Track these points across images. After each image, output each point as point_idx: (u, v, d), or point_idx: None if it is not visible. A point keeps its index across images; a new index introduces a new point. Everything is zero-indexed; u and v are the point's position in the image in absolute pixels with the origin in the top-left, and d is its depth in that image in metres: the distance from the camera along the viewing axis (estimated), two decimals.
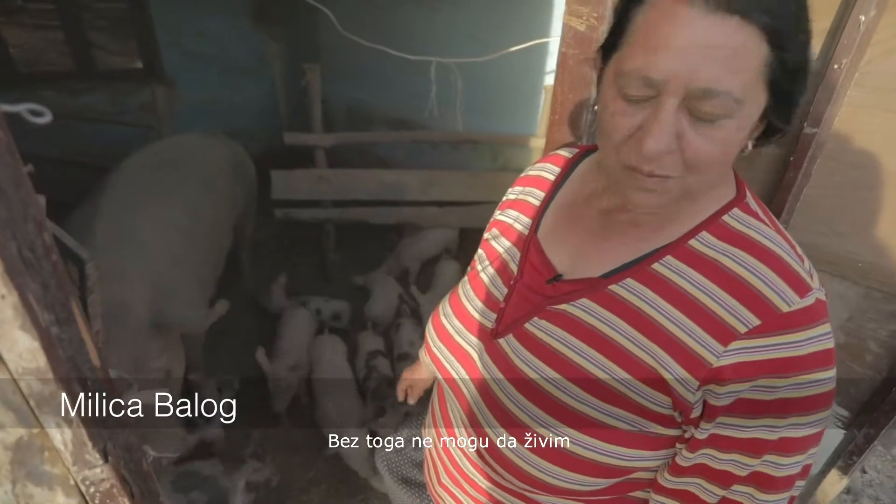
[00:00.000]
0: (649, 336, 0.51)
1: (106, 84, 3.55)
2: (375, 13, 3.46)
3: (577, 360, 0.54)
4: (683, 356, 0.49)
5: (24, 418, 0.41)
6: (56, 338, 0.42)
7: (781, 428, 0.48)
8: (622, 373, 0.52)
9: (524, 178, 0.74)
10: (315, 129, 2.63)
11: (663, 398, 0.51)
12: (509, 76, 2.84)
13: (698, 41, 0.41)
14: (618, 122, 0.47)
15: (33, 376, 0.40)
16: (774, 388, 0.47)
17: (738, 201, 0.54)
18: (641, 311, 0.52)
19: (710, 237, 0.52)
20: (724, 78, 0.41)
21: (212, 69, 4.01)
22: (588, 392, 0.53)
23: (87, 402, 0.46)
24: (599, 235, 0.59)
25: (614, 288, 0.54)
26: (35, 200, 0.39)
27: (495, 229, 0.73)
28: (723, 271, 0.49)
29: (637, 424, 0.52)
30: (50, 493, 0.46)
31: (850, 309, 0.86)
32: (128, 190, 1.72)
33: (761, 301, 0.47)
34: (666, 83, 0.42)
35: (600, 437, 0.53)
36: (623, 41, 0.47)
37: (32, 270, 0.39)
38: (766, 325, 0.46)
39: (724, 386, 0.47)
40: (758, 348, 0.47)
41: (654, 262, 0.53)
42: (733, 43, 0.41)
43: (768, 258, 0.49)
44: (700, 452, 0.51)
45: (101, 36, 3.52)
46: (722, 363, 0.47)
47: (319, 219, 2.81)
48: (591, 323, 0.55)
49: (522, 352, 0.58)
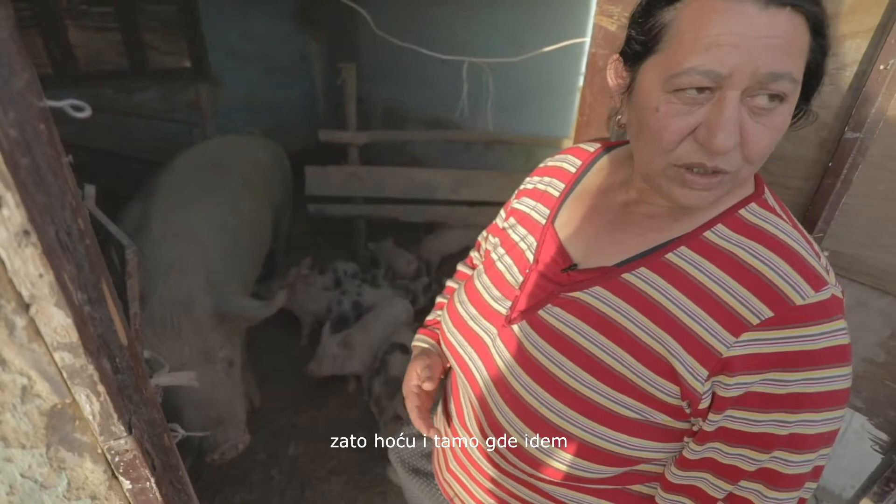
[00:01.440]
0: (660, 324, 0.51)
1: (157, 82, 3.76)
2: (413, 13, 3.50)
3: (588, 346, 0.55)
4: (693, 345, 0.48)
5: (57, 388, 0.45)
6: (88, 316, 0.46)
7: (792, 423, 0.46)
8: (631, 360, 0.52)
9: (544, 168, 0.75)
10: (349, 127, 2.69)
11: (672, 387, 0.50)
12: (545, 77, 2.81)
13: (758, 33, 0.42)
14: (672, 123, 0.47)
15: (66, 350, 0.43)
16: (786, 382, 0.46)
17: (755, 197, 0.54)
18: (653, 299, 0.52)
19: (726, 230, 0.52)
20: (786, 61, 0.43)
21: (255, 68, 4.17)
22: (597, 378, 0.53)
23: (114, 377, 0.50)
24: (616, 226, 0.60)
25: (627, 276, 0.54)
26: (72, 188, 0.42)
27: (512, 218, 0.74)
28: (737, 262, 0.49)
29: (644, 413, 0.52)
30: (79, 458, 0.50)
31: (892, 326, 0.81)
32: (178, 190, 1.81)
33: (775, 293, 0.46)
34: (730, 76, 0.43)
35: (607, 423, 0.53)
36: (665, 43, 0.47)
37: (68, 253, 0.42)
38: (779, 318, 0.46)
39: (733, 377, 0.47)
40: (769, 340, 0.46)
41: (669, 253, 0.53)
42: (788, 32, 0.43)
43: (784, 251, 0.48)
44: (708, 446, 0.50)
45: (154, 37, 3.72)
46: (732, 354, 0.47)
47: (351, 215, 2.87)
48: (602, 310, 0.55)
49: (534, 337, 0.59)
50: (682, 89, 0.46)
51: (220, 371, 1.43)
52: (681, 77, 0.45)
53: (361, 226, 2.98)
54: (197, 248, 1.61)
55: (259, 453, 1.88)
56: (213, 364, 1.41)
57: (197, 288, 1.47)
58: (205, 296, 1.46)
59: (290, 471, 1.83)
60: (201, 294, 1.46)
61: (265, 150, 2.52)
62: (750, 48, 0.43)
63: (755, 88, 0.44)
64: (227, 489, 1.75)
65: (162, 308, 1.36)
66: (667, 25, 0.47)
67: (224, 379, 1.44)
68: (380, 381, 1.92)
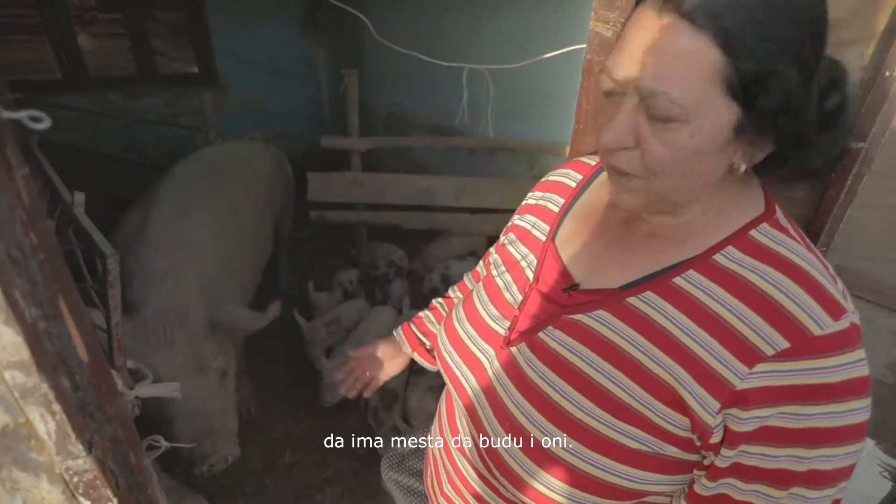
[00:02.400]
0: (668, 353, 0.48)
1: (165, 87, 3.80)
2: (416, 20, 3.51)
3: (591, 372, 0.52)
4: (704, 376, 0.46)
5: (9, 408, 0.43)
6: (43, 332, 0.44)
7: (811, 459, 0.43)
8: (637, 389, 0.49)
9: (545, 182, 0.73)
10: (352, 132, 2.68)
11: (681, 419, 0.47)
12: (547, 83, 2.79)
13: (648, 43, 0.42)
14: (599, 118, 0.49)
15: (17, 369, 0.42)
16: (803, 416, 0.43)
17: (767, 216, 0.50)
18: (661, 326, 0.49)
19: (737, 252, 0.49)
20: (666, 79, 0.42)
21: (261, 73, 4.20)
22: (600, 407, 0.51)
23: (73, 395, 0.48)
24: (618, 245, 0.57)
25: (633, 301, 0.52)
26: (25, 202, 0.41)
27: (512, 234, 0.72)
28: (750, 288, 0.46)
29: (651, 445, 0.49)
30: (35, 479, 0.48)
31: None
32: (178, 197, 1.80)
33: (791, 322, 0.43)
34: (623, 82, 0.45)
35: (611, 455, 0.50)
36: None
37: (19, 268, 0.41)
38: (795, 349, 0.43)
39: (748, 411, 0.44)
40: (786, 372, 0.43)
41: (676, 276, 0.50)
42: (677, 46, 0.41)
43: (800, 277, 0.45)
44: (721, 482, 0.47)
45: (161, 43, 3.76)
46: (746, 386, 0.44)
47: (352, 221, 2.86)
48: (606, 335, 0.52)
49: (534, 361, 0.56)
50: (605, 91, 0.47)
51: (213, 381, 1.41)
52: (602, 78, 0.47)
53: (363, 232, 2.97)
54: (194, 256, 1.60)
55: (254, 462, 1.86)
56: (206, 374, 1.39)
57: (192, 297, 1.45)
58: (199, 305, 1.44)
59: (285, 481, 1.81)
60: (196, 303, 1.44)
61: (266, 156, 2.53)
62: (635, 59, 0.43)
63: (647, 100, 0.44)
64: (221, 499, 1.73)
65: (155, 317, 1.34)
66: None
67: (217, 389, 1.42)
68: (376, 393, 1.90)
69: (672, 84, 0.41)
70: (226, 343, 1.52)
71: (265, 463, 1.87)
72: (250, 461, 1.85)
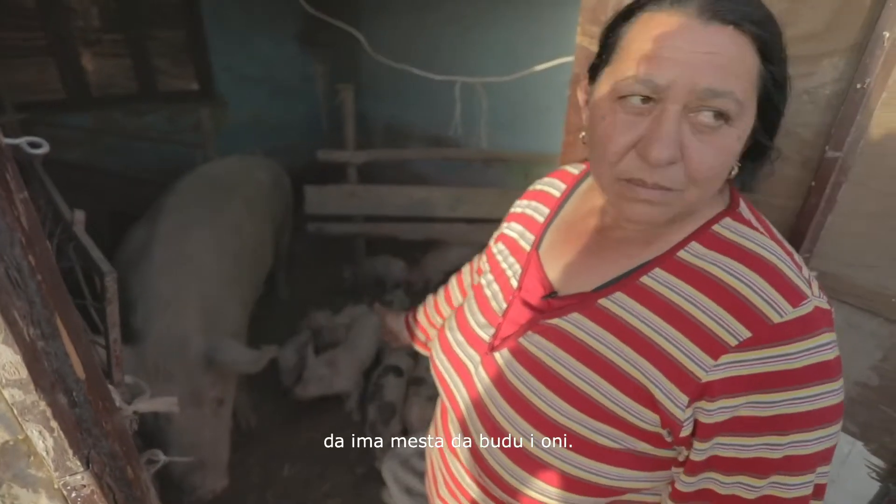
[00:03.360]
0: (638, 350, 0.49)
1: (165, 105, 3.85)
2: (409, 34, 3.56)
3: (565, 374, 0.53)
4: (672, 371, 0.47)
5: (8, 425, 0.45)
6: (41, 351, 0.46)
7: (784, 446, 0.44)
8: (609, 388, 0.51)
9: (531, 191, 0.76)
10: (348, 146, 2.72)
11: (651, 415, 0.49)
12: (540, 94, 2.83)
13: (699, 48, 0.42)
14: (617, 134, 0.47)
15: (16, 387, 0.43)
16: (769, 404, 0.44)
17: (729, 211, 0.52)
18: (630, 325, 0.51)
19: (700, 247, 0.50)
20: (727, 79, 0.43)
21: (260, 89, 4.26)
22: (574, 407, 0.52)
23: (71, 412, 0.49)
24: (592, 252, 0.59)
25: (604, 302, 0.54)
26: (22, 226, 0.43)
27: (501, 243, 0.74)
28: (712, 282, 0.48)
29: (623, 442, 0.50)
30: (34, 495, 0.49)
31: (885, 348, 0.78)
32: (182, 214, 1.83)
33: (751, 312, 0.45)
34: (669, 88, 0.43)
35: (586, 453, 0.51)
36: (615, 56, 0.49)
37: (18, 289, 0.43)
38: (756, 338, 0.44)
39: (714, 402, 0.45)
40: (748, 362, 0.44)
41: (643, 276, 0.52)
42: (731, 50, 0.43)
43: (760, 266, 0.47)
44: (703, 476, 0.48)
45: (162, 61, 3.82)
46: (711, 378, 0.45)
47: (350, 233, 2.88)
48: (580, 337, 0.54)
49: (514, 365, 0.58)
50: (624, 97, 0.46)
51: (208, 412, 1.42)
52: (622, 84, 0.46)
53: (361, 244, 3.00)
54: (197, 275, 1.62)
55: (253, 475, 1.86)
56: (202, 406, 1.39)
57: (193, 327, 1.46)
58: (200, 337, 1.45)
59: (285, 494, 1.81)
60: (196, 336, 1.45)
61: (265, 169, 2.56)
62: (688, 62, 0.43)
63: (696, 105, 0.44)
64: None
65: (156, 348, 1.36)
66: (620, 38, 0.48)
67: (210, 420, 1.43)
68: (374, 406, 1.90)
69: (735, 84, 0.43)
70: (226, 372, 1.52)
71: (263, 476, 1.87)
72: (250, 474, 1.85)
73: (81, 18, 3.47)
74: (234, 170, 2.39)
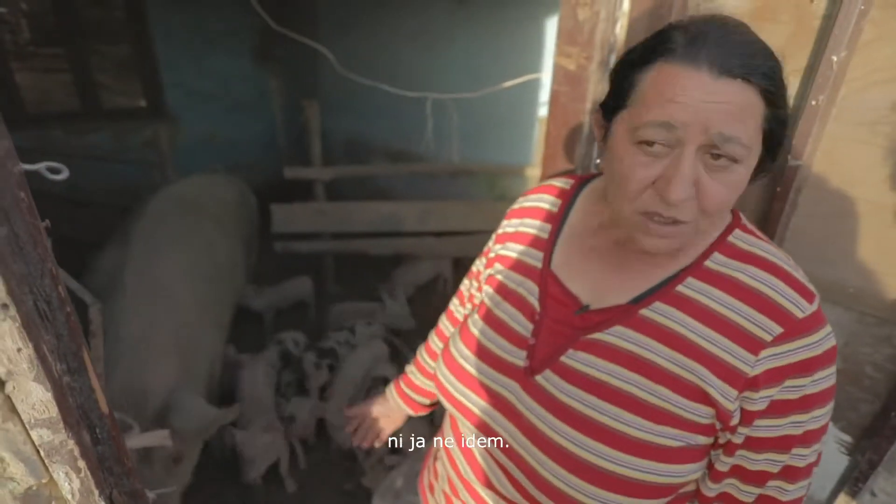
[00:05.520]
0: (686, 354, 0.54)
1: (110, 123, 3.64)
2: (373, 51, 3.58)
3: (623, 386, 0.56)
4: (722, 370, 0.52)
5: (33, 469, 0.42)
6: (68, 387, 0.43)
7: (805, 422, 0.52)
8: (666, 392, 0.54)
9: (519, 209, 0.75)
10: (314, 162, 2.68)
11: (707, 410, 0.53)
12: (505, 109, 2.92)
13: (710, 98, 0.47)
14: (636, 172, 0.51)
15: (45, 427, 0.41)
16: (799, 388, 0.51)
17: (737, 223, 0.59)
18: (674, 331, 0.55)
19: (721, 257, 0.56)
20: (735, 126, 0.47)
21: (213, 105, 4.12)
22: (639, 416, 0.55)
23: (94, 449, 0.47)
24: (618, 265, 0.62)
25: (645, 312, 0.57)
26: (51, 255, 0.41)
27: (498, 264, 0.73)
28: (740, 286, 0.54)
29: (686, 439, 0.54)
30: None
31: (846, 335, 0.87)
32: (153, 239, 1.72)
33: (780, 310, 0.51)
34: (683, 129, 0.48)
35: (655, 458, 0.54)
36: (633, 100, 0.52)
37: (47, 322, 0.40)
38: (788, 332, 0.51)
39: (758, 392, 0.51)
40: (783, 353, 0.51)
41: (678, 285, 0.57)
42: (739, 100, 0.47)
43: (775, 271, 0.54)
44: (736, 455, 0.54)
45: (106, 77, 3.63)
46: (756, 371, 0.51)
47: (319, 251, 2.83)
48: (628, 349, 0.57)
49: (564, 386, 0.59)
50: (643, 141, 0.50)
51: (159, 470, 1.30)
52: (641, 129, 0.50)
53: (330, 261, 2.95)
54: (171, 310, 1.53)
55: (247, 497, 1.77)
56: (152, 465, 1.28)
57: (154, 382, 1.38)
58: (161, 391, 1.37)
59: None
60: (158, 389, 1.37)
61: (231, 187, 2.48)
62: (700, 109, 0.47)
63: (709, 146, 0.48)
64: None
65: (115, 397, 1.27)
66: (636, 85, 0.52)
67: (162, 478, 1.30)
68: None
69: (742, 130, 0.47)
70: None
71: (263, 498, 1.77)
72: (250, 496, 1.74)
73: (12, 31, 3.24)
74: (203, 189, 2.30)
